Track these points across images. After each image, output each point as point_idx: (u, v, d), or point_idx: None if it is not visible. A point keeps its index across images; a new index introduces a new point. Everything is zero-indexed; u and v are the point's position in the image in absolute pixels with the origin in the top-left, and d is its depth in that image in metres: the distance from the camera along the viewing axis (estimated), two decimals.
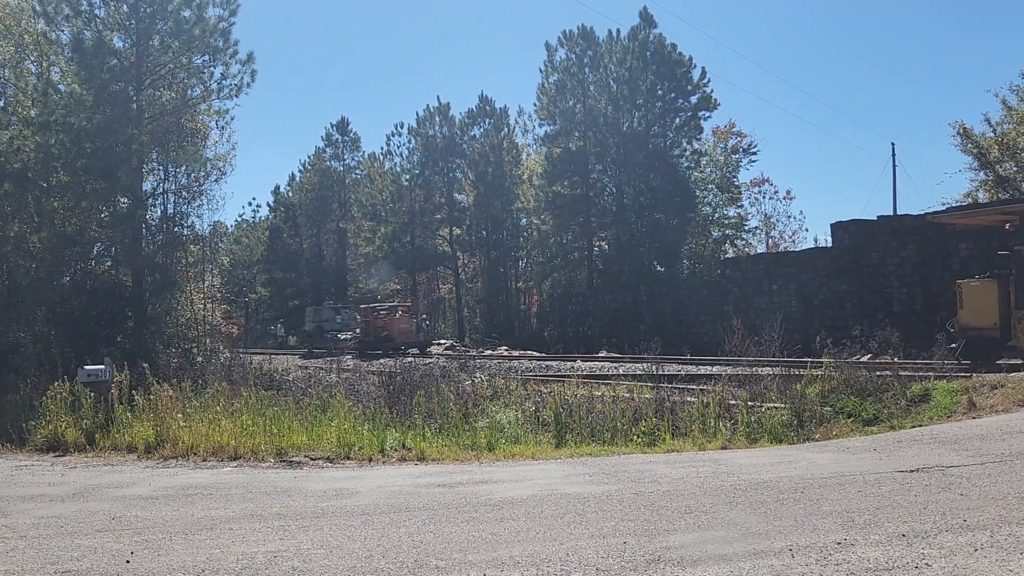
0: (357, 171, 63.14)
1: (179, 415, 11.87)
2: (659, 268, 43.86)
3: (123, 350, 18.80)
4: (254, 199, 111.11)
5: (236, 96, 23.52)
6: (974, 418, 12.04)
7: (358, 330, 41.08)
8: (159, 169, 25.09)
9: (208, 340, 24.96)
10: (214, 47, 22.82)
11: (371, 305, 42.82)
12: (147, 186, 24.37)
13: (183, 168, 24.98)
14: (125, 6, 22.49)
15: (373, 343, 37.44)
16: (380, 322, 38.63)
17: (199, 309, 27.32)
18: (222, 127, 26.55)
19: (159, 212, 24.85)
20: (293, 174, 67.82)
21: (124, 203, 22.83)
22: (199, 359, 20.56)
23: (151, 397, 12.55)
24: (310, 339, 44.46)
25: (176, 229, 25.00)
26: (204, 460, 10.54)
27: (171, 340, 22.16)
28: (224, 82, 23.23)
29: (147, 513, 7.19)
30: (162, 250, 23.80)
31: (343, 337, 41.19)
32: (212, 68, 23.27)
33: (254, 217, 70.98)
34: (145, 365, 14.14)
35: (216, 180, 26.46)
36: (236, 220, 71.57)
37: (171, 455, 10.85)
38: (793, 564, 5.02)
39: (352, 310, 47.10)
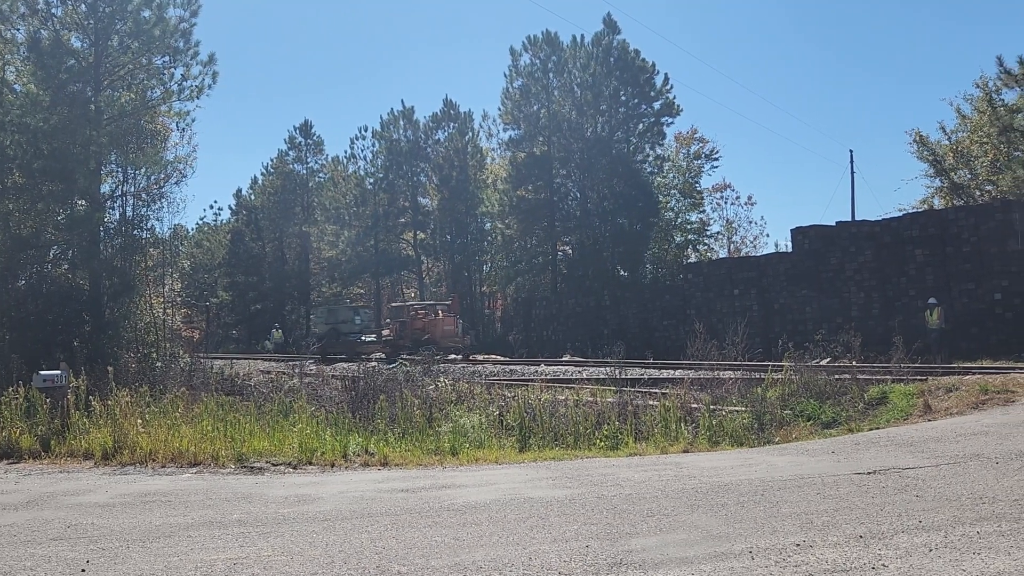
0: (320, 174, 62.65)
1: (137, 421, 11.68)
2: (622, 272, 44.12)
3: (80, 355, 18.46)
4: (215, 202, 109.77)
5: (197, 98, 23.26)
6: (930, 420, 12.27)
7: (386, 332, 38.25)
8: (118, 171, 24.65)
9: (168, 344, 24.59)
10: (175, 48, 22.54)
11: (407, 303, 40.59)
12: (105, 188, 23.96)
13: (142, 170, 24.55)
14: (83, 5, 22.12)
15: (410, 346, 33.60)
16: (419, 323, 35.35)
17: (159, 313, 26.88)
18: (183, 129, 26.18)
19: (118, 215, 24.43)
20: (255, 177, 67.19)
21: (82, 205, 22.41)
22: (158, 364, 20.23)
23: (109, 403, 12.33)
24: (322, 342, 39.58)
25: (135, 232, 24.57)
26: (163, 466, 10.38)
27: (129, 345, 21.82)
28: (185, 83, 22.96)
29: (103, 521, 7.07)
30: (120, 253, 23.40)
31: (367, 340, 38.33)
32: (172, 69, 22.99)
33: (215, 220, 70.19)
34: (109, 368, 13.91)
35: (176, 183, 25.99)
36: (197, 223, 70.64)
37: (129, 462, 10.68)
38: (753, 566, 5.07)
39: (370, 310, 45.07)
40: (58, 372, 13.28)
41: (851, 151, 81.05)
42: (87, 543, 6.24)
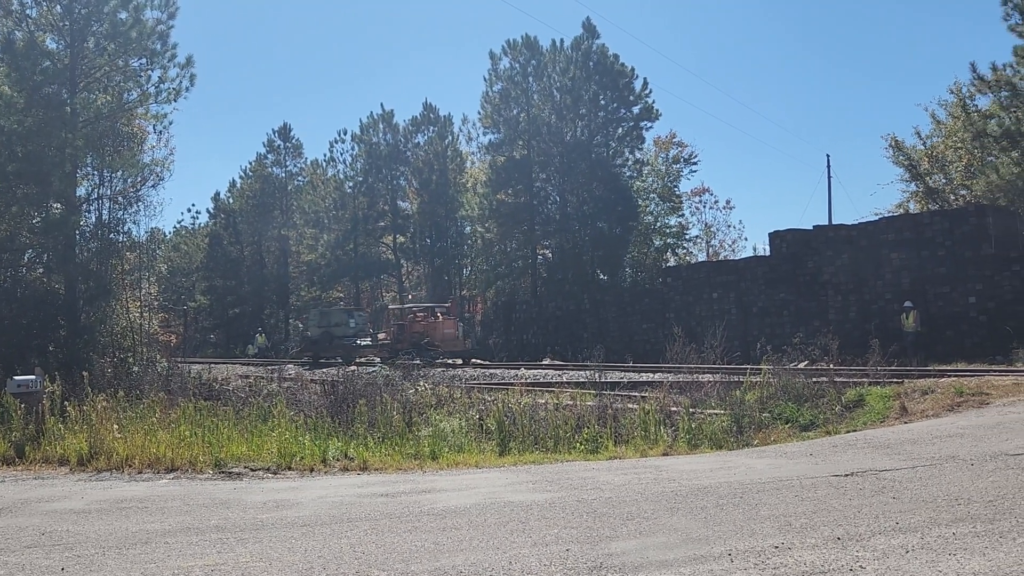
0: (299, 178, 62.32)
1: (114, 426, 11.55)
2: (602, 276, 44.22)
3: (55, 359, 18.28)
4: (193, 205, 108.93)
5: (174, 100, 23.17)
6: (906, 423, 12.38)
7: (382, 335, 37.65)
8: (94, 174, 24.42)
9: (144, 349, 24.36)
10: (152, 50, 22.41)
11: (406, 306, 40.22)
12: (81, 191, 23.76)
13: (119, 173, 24.34)
14: (59, 6, 21.93)
15: (408, 350, 32.67)
16: (418, 326, 34.54)
17: (135, 317, 26.60)
18: (160, 131, 25.94)
19: (94, 218, 24.21)
20: (234, 180, 66.60)
21: (57, 209, 22.20)
22: (135, 368, 20.05)
23: (84, 408, 12.20)
24: (315, 346, 38.50)
25: (111, 236, 24.37)
26: (140, 472, 10.27)
27: (106, 349, 21.60)
28: (162, 86, 22.85)
29: (79, 528, 6.98)
30: (97, 257, 23.20)
31: (363, 344, 37.17)
32: (150, 71, 22.87)
33: (193, 224, 69.58)
34: (85, 373, 13.77)
35: (153, 186, 25.69)
36: (175, 227, 70.03)
37: (105, 467, 10.55)
38: (732, 568, 5.09)
39: (365, 313, 44.64)
40: (33, 377, 13.11)
41: (828, 155, 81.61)
42: (62, 550, 6.16)
